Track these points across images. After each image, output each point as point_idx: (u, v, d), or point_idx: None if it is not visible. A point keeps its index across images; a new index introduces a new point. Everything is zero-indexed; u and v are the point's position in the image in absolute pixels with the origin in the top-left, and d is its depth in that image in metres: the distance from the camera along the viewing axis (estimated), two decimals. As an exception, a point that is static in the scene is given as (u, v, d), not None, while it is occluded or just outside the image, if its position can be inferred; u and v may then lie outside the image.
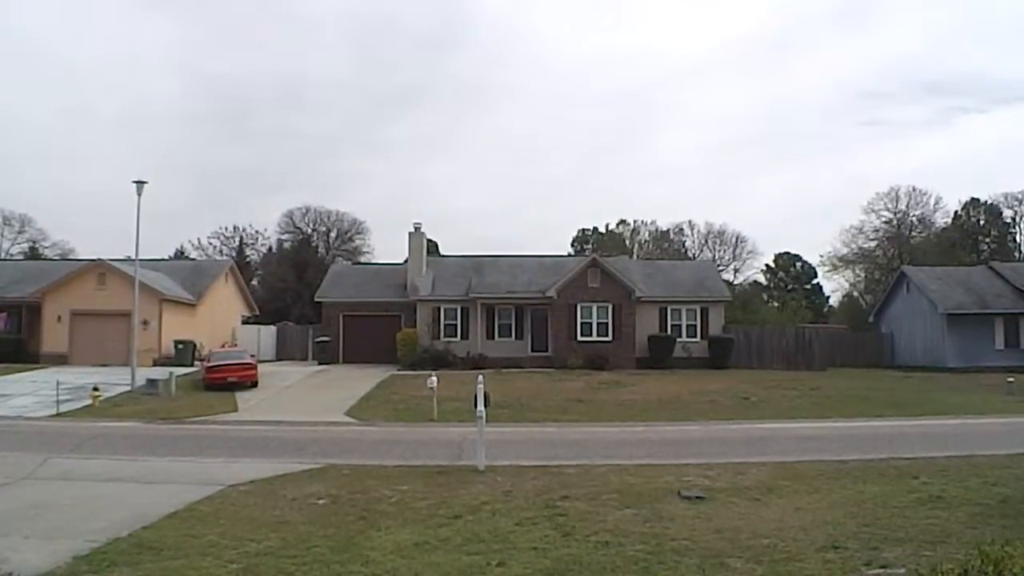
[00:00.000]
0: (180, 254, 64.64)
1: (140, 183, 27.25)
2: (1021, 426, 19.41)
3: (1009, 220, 65.20)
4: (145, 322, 33.74)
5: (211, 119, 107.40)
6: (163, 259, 46.95)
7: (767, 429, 19.57)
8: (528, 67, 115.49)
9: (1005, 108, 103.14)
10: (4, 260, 52.91)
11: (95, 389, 23.82)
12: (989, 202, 64.96)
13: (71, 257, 54.47)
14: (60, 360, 33.82)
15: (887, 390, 28.62)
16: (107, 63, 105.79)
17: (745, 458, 14.72)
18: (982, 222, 65.50)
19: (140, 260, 29.73)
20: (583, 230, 76.55)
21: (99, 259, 36.60)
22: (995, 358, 36.49)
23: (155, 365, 32.49)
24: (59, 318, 35.20)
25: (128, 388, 26.15)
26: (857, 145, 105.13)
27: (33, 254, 60.45)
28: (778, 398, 26.00)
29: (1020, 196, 63.49)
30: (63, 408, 22.39)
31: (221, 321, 41.46)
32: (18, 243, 64.33)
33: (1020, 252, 63.12)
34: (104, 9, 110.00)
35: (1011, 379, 27.49)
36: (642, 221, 77.10)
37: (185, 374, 29.54)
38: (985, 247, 63.99)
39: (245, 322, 45.31)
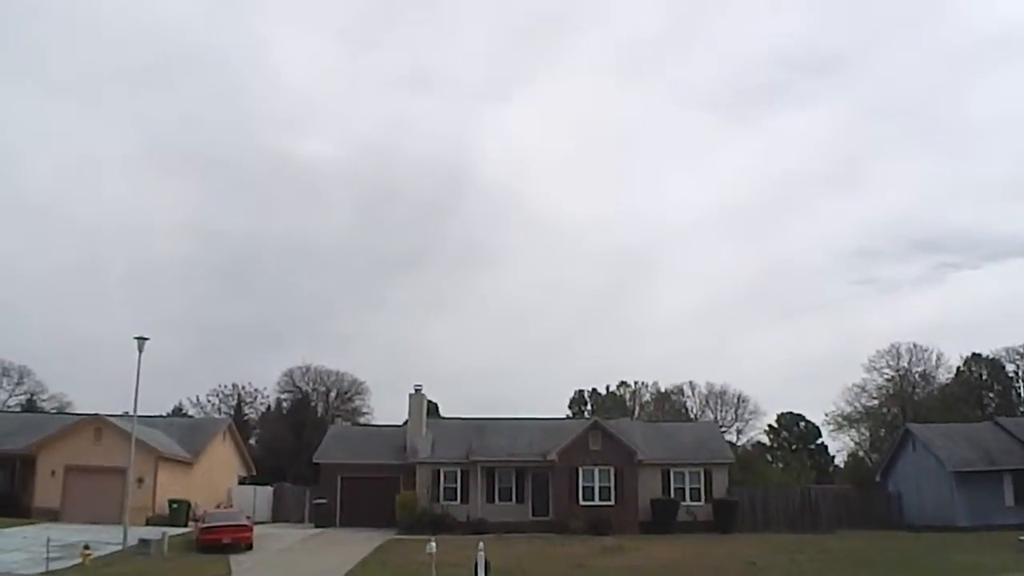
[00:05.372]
0: (178, 411, 64.40)
1: (141, 339, 27.58)
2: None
3: (1012, 375, 65.26)
4: (140, 480, 33.30)
5: (213, 275, 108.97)
6: (161, 416, 46.74)
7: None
8: (524, 231, 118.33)
9: (995, 264, 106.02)
10: (0, 412, 52.70)
11: (86, 547, 23.29)
12: (990, 356, 65.19)
13: (68, 411, 54.16)
14: (52, 515, 32.97)
15: (897, 551, 27.87)
16: (113, 219, 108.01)
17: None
18: (984, 377, 65.48)
19: (138, 416, 29.70)
20: (581, 391, 76.54)
21: (96, 414, 36.51)
22: (1006, 515, 35.56)
23: (148, 524, 31.80)
24: (53, 472, 34.64)
25: (120, 547, 25.55)
26: (852, 303, 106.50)
27: (30, 406, 60.13)
28: (785, 563, 25.28)
29: (1021, 350, 63.77)
30: (53, 566, 21.79)
31: (217, 480, 40.88)
32: (16, 395, 63.89)
33: (1024, 406, 62.87)
34: (113, 167, 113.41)
35: (1023, 537, 26.94)
36: (643, 382, 77.04)
37: (179, 534, 28.85)
38: (989, 402, 63.69)
39: (242, 482, 44.64)
